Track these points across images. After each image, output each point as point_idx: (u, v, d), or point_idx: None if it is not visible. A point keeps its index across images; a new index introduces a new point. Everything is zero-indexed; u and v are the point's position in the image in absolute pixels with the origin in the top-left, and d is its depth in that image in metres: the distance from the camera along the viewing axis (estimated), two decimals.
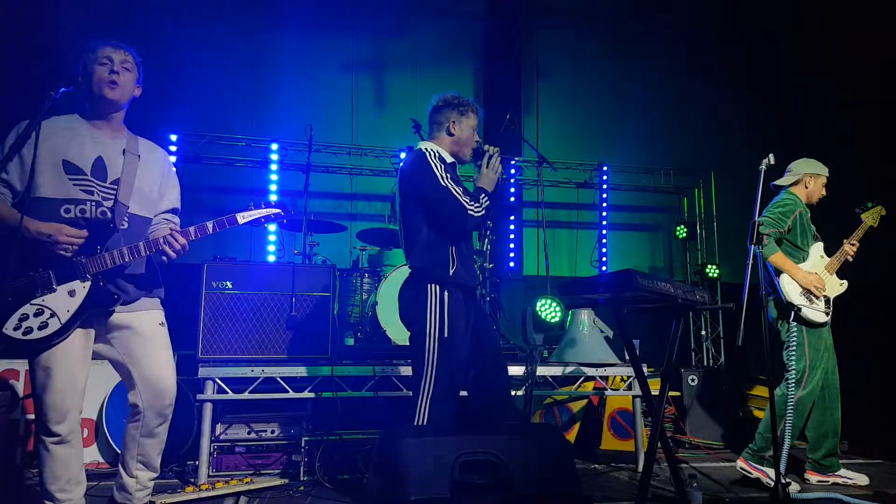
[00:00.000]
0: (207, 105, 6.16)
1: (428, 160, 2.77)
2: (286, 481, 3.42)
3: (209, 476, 3.44)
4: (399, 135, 5.54)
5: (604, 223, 7.14)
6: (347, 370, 3.69)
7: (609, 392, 4.15)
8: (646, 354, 4.16)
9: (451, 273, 2.75)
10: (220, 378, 3.50)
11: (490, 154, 2.90)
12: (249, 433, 3.67)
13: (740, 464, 3.58)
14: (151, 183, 2.55)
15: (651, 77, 7.35)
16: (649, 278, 2.59)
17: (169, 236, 2.37)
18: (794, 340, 3.54)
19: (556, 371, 4.01)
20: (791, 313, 3.56)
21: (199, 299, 3.64)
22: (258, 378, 3.54)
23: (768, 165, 3.01)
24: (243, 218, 2.51)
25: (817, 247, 3.71)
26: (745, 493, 3.37)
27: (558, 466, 2.55)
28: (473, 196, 2.78)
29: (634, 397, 4.08)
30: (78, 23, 5.54)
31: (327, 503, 3.13)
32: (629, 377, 4.09)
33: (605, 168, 7.05)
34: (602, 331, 4.29)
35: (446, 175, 2.76)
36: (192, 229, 2.44)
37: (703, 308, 4.44)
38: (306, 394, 3.61)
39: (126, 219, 2.42)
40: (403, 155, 5.93)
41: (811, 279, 3.57)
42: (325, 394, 3.62)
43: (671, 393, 4.84)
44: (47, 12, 5.56)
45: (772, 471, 3.14)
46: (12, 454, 3.60)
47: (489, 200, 2.83)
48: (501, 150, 2.99)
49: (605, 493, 3.39)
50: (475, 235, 5.04)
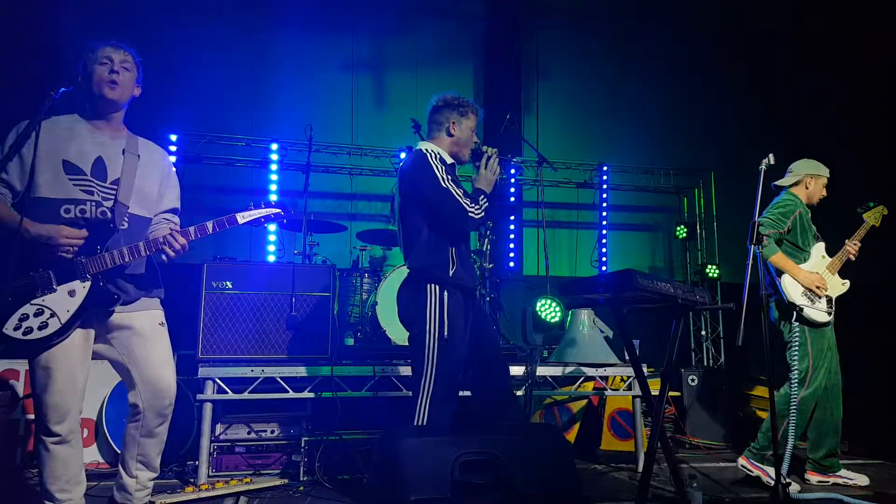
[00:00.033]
0: (207, 105, 6.16)
1: (429, 161, 2.76)
2: (286, 481, 3.42)
3: (209, 476, 3.44)
4: (399, 135, 5.54)
5: (604, 223, 7.14)
6: (347, 370, 3.70)
7: (609, 392, 4.16)
8: (646, 354, 4.16)
9: (451, 274, 2.75)
10: (220, 378, 3.50)
11: (489, 155, 2.90)
12: (249, 433, 3.67)
13: (741, 461, 3.59)
14: (151, 183, 2.55)
15: (651, 77, 7.35)
16: (649, 278, 2.59)
17: (169, 236, 2.37)
18: (797, 341, 3.53)
19: (556, 371, 4.01)
20: (793, 314, 3.56)
21: (199, 299, 3.65)
22: (258, 378, 3.54)
23: (768, 165, 3.01)
24: (243, 218, 2.51)
25: (819, 247, 3.71)
26: (745, 494, 3.37)
27: (558, 466, 2.55)
28: (473, 198, 2.77)
29: (634, 397, 4.08)
30: (78, 23, 5.53)
31: (327, 503, 3.13)
32: (629, 377, 4.09)
33: (605, 168, 7.05)
34: (602, 331, 4.29)
35: (447, 176, 2.75)
36: (192, 229, 2.44)
37: (703, 308, 4.44)
38: (306, 394, 3.61)
39: (126, 219, 2.42)
40: (403, 155, 5.92)
41: (812, 279, 3.57)
42: (325, 394, 3.62)
43: (671, 393, 4.84)
44: (47, 12, 5.56)
45: (772, 469, 3.13)
46: (12, 454, 3.59)
47: (487, 202, 2.82)
48: (501, 151, 2.99)
49: (605, 493, 3.38)
50: (475, 235, 5.04)
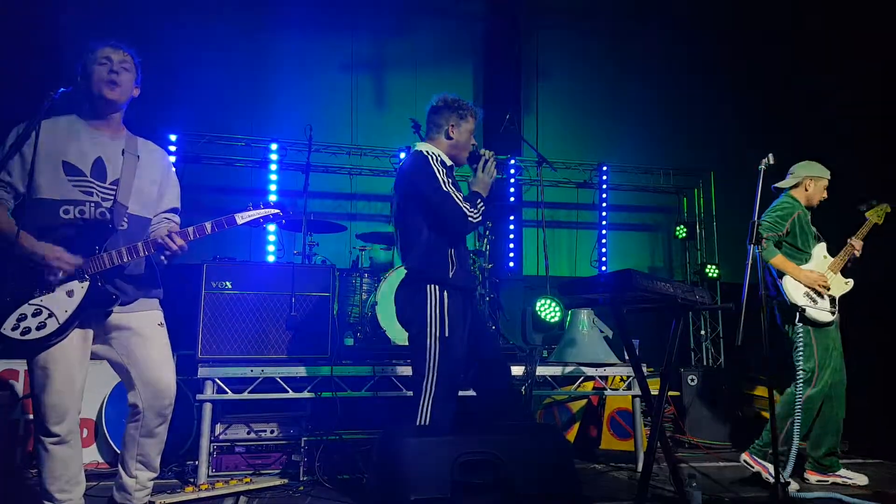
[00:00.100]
0: (207, 105, 6.16)
1: (430, 163, 2.77)
2: (286, 481, 3.42)
3: (209, 476, 3.44)
4: (399, 135, 5.54)
5: (603, 223, 7.14)
6: (347, 370, 3.70)
7: (609, 392, 4.16)
8: (645, 354, 4.16)
9: (451, 275, 2.77)
10: (220, 378, 3.50)
11: (486, 159, 2.92)
12: (249, 433, 3.67)
13: (744, 457, 3.61)
14: (151, 183, 2.55)
15: (651, 77, 7.35)
16: (649, 278, 2.59)
17: (167, 237, 2.37)
18: (801, 341, 3.55)
19: (556, 371, 4.01)
20: (796, 315, 3.57)
21: (199, 299, 3.65)
22: (258, 378, 3.55)
23: (768, 165, 3.01)
24: (242, 218, 2.51)
25: (820, 247, 3.72)
26: (745, 493, 3.37)
27: (558, 466, 2.55)
28: (471, 201, 2.79)
29: (634, 397, 4.08)
30: (78, 23, 5.53)
31: (327, 503, 3.13)
32: (629, 377, 4.09)
33: (605, 168, 7.05)
34: (602, 331, 4.29)
35: (447, 179, 2.77)
36: (191, 230, 2.44)
37: (703, 308, 4.45)
38: (306, 394, 3.61)
39: (125, 219, 2.42)
40: (403, 155, 5.92)
41: (813, 277, 3.58)
42: (325, 394, 3.62)
43: (671, 393, 4.84)
44: (47, 12, 5.56)
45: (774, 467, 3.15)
46: (12, 454, 3.59)
47: (484, 205, 2.85)
48: (501, 150, 3.00)
49: (605, 493, 3.39)
50: (473, 235, 5.04)
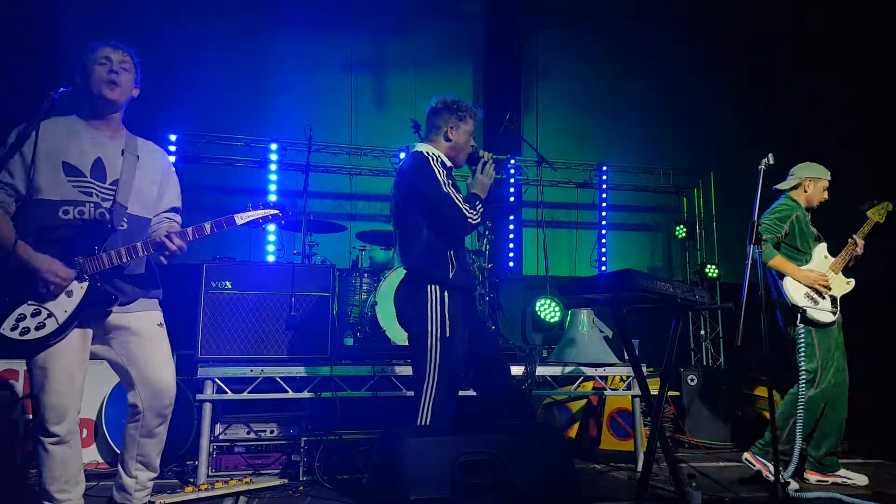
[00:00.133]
0: (207, 105, 6.16)
1: (431, 164, 2.79)
2: (285, 481, 3.43)
3: (208, 476, 3.45)
4: (399, 135, 5.54)
5: (603, 223, 7.13)
6: (347, 370, 3.70)
7: (608, 392, 4.16)
8: (645, 354, 4.15)
9: (452, 276, 2.78)
10: (220, 378, 3.50)
11: (485, 160, 2.94)
12: (249, 433, 3.67)
13: (746, 455, 3.62)
14: (150, 183, 2.55)
15: (651, 77, 7.34)
16: (648, 278, 2.59)
17: (166, 238, 2.37)
18: (803, 342, 3.55)
19: (556, 371, 4.01)
20: (797, 316, 3.57)
21: (199, 299, 3.65)
22: (257, 378, 3.55)
23: (767, 165, 3.02)
24: (241, 219, 2.51)
25: (821, 248, 3.72)
26: (745, 493, 3.37)
27: (558, 466, 2.55)
28: (469, 202, 2.81)
29: (634, 397, 4.08)
30: (78, 23, 5.53)
31: (327, 503, 3.13)
32: (628, 377, 4.09)
33: (605, 168, 7.05)
34: (601, 331, 4.29)
35: (448, 181, 2.78)
36: (190, 230, 2.44)
37: (703, 308, 4.44)
38: (305, 394, 3.61)
39: (125, 219, 2.42)
40: (403, 155, 5.92)
41: (813, 277, 3.58)
42: (325, 394, 3.62)
43: (670, 393, 4.83)
44: (47, 12, 5.56)
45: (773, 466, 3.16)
46: (12, 454, 3.59)
47: (482, 206, 2.87)
48: (501, 150, 3.01)
49: (605, 493, 3.39)
50: (473, 235, 5.05)
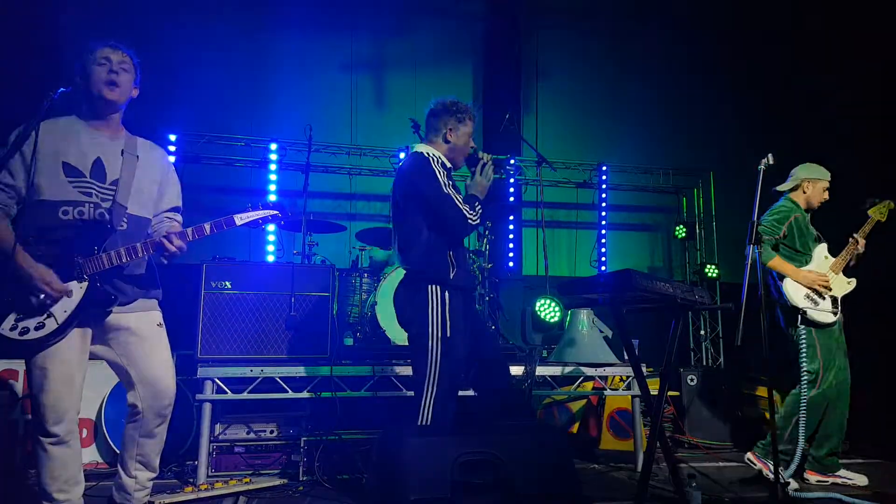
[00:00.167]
0: (207, 105, 6.16)
1: (432, 165, 2.80)
2: (285, 481, 3.43)
3: (208, 476, 3.45)
4: (398, 135, 5.54)
5: (603, 223, 7.13)
6: (346, 370, 3.70)
7: (608, 392, 4.16)
8: (645, 354, 4.16)
9: (452, 276, 2.79)
10: (220, 378, 3.50)
11: (484, 162, 2.95)
12: (248, 433, 3.67)
13: (748, 455, 3.65)
14: (150, 183, 2.55)
15: (651, 77, 7.34)
16: (648, 278, 2.59)
17: (165, 238, 2.37)
18: (804, 342, 3.56)
19: (556, 371, 4.01)
20: (798, 317, 3.58)
21: (199, 299, 3.65)
22: (257, 378, 3.55)
23: (767, 165, 3.02)
24: (241, 219, 2.51)
25: (821, 248, 3.72)
26: (745, 493, 3.37)
27: (558, 466, 2.56)
28: (469, 204, 2.82)
29: (633, 397, 4.08)
30: (78, 23, 5.53)
31: (326, 503, 3.13)
32: (628, 377, 4.09)
33: (605, 168, 7.04)
34: (601, 331, 4.29)
35: (448, 182, 2.80)
36: (190, 231, 2.44)
37: (702, 308, 4.44)
38: (305, 394, 3.61)
39: (125, 220, 2.42)
40: (403, 155, 5.92)
41: (812, 277, 3.59)
42: (324, 394, 3.62)
43: (670, 393, 4.83)
44: (47, 12, 5.56)
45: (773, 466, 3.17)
46: (12, 454, 3.59)
47: (481, 207, 2.88)
48: (501, 150, 3.02)
49: (605, 493, 3.39)
50: (473, 235, 5.05)
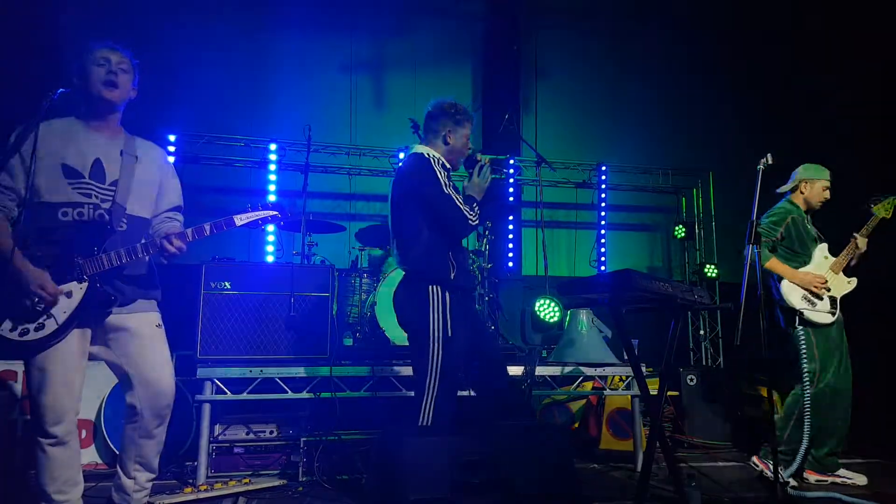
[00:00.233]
0: (207, 105, 6.15)
1: (432, 166, 2.81)
2: (285, 482, 3.43)
3: (208, 477, 3.44)
4: (398, 135, 5.52)
5: (602, 223, 7.12)
6: (346, 370, 3.70)
7: (608, 392, 4.16)
8: (644, 354, 4.16)
9: (452, 276, 2.80)
10: (219, 378, 3.50)
11: (482, 164, 2.97)
12: (248, 434, 3.67)
13: (753, 459, 3.72)
14: (150, 183, 2.55)
15: (650, 77, 7.34)
16: (648, 278, 2.59)
17: (165, 240, 2.37)
18: (803, 343, 3.57)
19: (555, 371, 4.02)
20: (795, 318, 3.59)
21: (198, 300, 3.65)
22: (257, 378, 3.55)
23: (766, 165, 3.02)
24: (240, 220, 2.51)
25: (821, 248, 3.72)
26: (744, 493, 3.37)
27: (558, 466, 2.56)
28: (468, 204, 2.84)
29: (633, 397, 4.08)
30: (78, 23, 5.53)
31: (326, 503, 3.13)
32: (628, 377, 4.09)
33: (604, 168, 7.04)
34: (601, 330, 4.29)
35: (448, 182, 2.81)
36: (189, 231, 2.44)
37: (702, 308, 4.44)
38: (305, 394, 3.61)
39: (124, 220, 2.42)
40: (402, 156, 5.92)
41: (808, 279, 3.59)
42: (324, 394, 3.62)
43: (670, 393, 4.84)
44: (47, 12, 5.56)
45: (781, 466, 3.19)
46: (11, 455, 3.59)
47: (479, 208, 2.90)
48: (500, 150, 3.02)
49: (604, 493, 3.39)
50: (472, 235, 5.05)
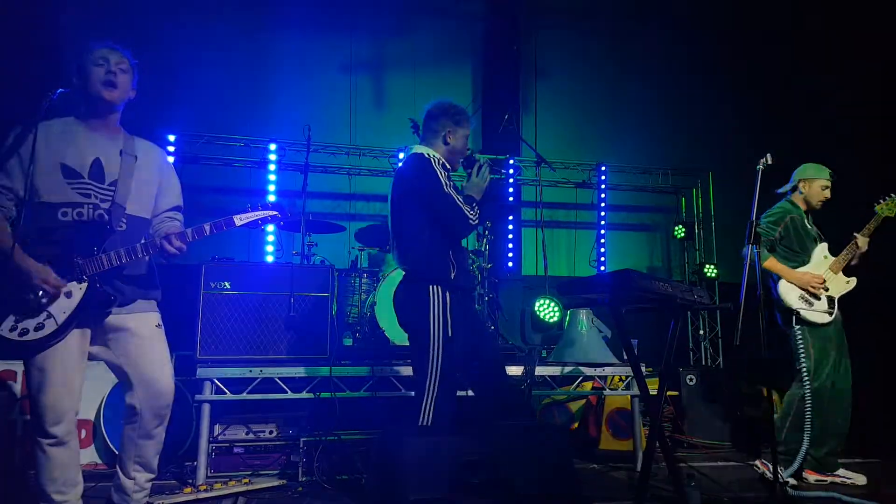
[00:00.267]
0: (206, 105, 6.15)
1: (433, 166, 2.81)
2: (284, 482, 3.42)
3: (207, 477, 3.44)
4: (398, 135, 5.53)
5: (602, 223, 7.12)
6: (346, 370, 3.70)
7: (607, 392, 4.16)
8: (644, 354, 4.17)
9: (453, 276, 2.81)
10: (219, 378, 3.50)
11: (481, 164, 2.97)
12: (248, 434, 3.67)
13: (756, 462, 3.74)
14: (149, 183, 2.55)
15: (650, 77, 7.34)
16: (647, 278, 2.59)
17: (164, 240, 2.37)
18: (800, 341, 3.58)
19: (555, 371, 4.02)
20: (792, 318, 3.59)
21: (198, 300, 3.65)
22: (256, 378, 3.55)
23: (766, 165, 3.03)
24: (240, 220, 2.51)
25: (821, 248, 3.73)
26: (744, 493, 3.37)
27: (558, 466, 2.56)
28: (468, 204, 2.83)
29: (633, 397, 4.08)
30: (78, 23, 5.53)
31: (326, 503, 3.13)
32: (627, 377, 4.09)
33: (604, 168, 7.04)
34: (600, 330, 4.29)
35: (449, 183, 2.81)
36: (189, 232, 2.44)
37: (701, 308, 4.44)
38: (304, 394, 3.61)
39: (124, 220, 2.42)
40: (402, 155, 5.92)
41: (806, 279, 3.59)
42: (324, 394, 3.62)
43: (669, 393, 4.84)
44: (47, 12, 5.56)
45: (781, 466, 3.19)
46: (11, 455, 3.59)
47: (478, 208, 2.90)
48: (500, 150, 3.03)
49: (604, 493, 3.39)
50: (473, 235, 5.05)
